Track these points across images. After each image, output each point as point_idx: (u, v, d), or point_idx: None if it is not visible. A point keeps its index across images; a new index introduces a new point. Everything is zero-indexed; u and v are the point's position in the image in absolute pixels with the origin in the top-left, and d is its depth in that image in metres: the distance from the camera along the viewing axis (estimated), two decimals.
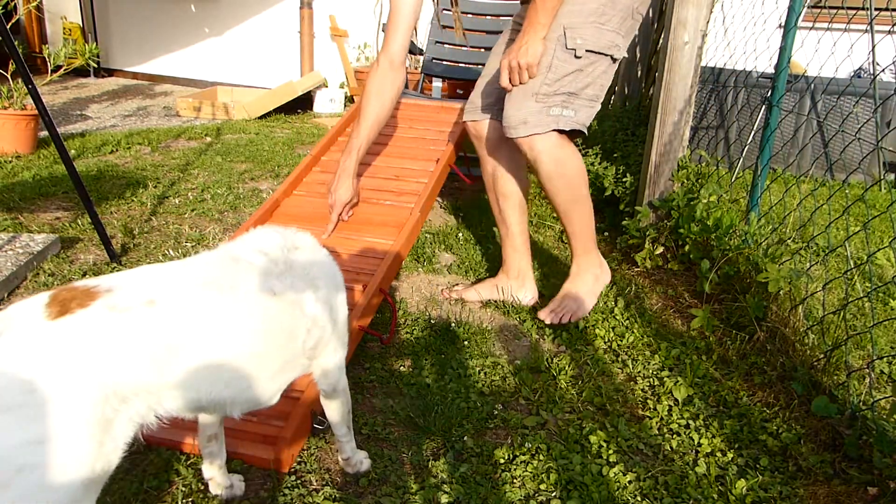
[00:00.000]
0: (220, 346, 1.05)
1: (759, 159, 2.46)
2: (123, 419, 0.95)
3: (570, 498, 1.41)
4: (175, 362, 1.00)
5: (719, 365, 1.96)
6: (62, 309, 0.93)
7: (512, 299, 2.29)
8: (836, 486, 1.47)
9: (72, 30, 7.25)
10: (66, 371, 0.89)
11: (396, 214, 2.44)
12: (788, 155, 4.14)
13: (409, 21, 2.16)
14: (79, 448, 0.89)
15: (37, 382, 0.87)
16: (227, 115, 5.52)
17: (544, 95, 1.96)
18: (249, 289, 1.11)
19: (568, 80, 1.96)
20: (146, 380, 0.97)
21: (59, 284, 2.24)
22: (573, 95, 1.98)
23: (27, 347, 0.89)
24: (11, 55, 2.16)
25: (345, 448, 1.43)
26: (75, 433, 0.89)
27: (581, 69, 1.96)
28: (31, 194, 3.14)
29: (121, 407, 0.94)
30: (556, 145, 2.01)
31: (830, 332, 1.88)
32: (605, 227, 3.07)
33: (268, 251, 1.18)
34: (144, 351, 0.97)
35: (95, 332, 0.93)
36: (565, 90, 1.97)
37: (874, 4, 3.64)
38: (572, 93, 1.98)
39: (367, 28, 6.42)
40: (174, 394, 1.01)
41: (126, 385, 0.95)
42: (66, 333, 0.91)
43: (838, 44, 2.23)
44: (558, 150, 2.02)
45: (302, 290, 1.17)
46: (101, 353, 0.92)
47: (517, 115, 1.98)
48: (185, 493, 1.38)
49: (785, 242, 2.22)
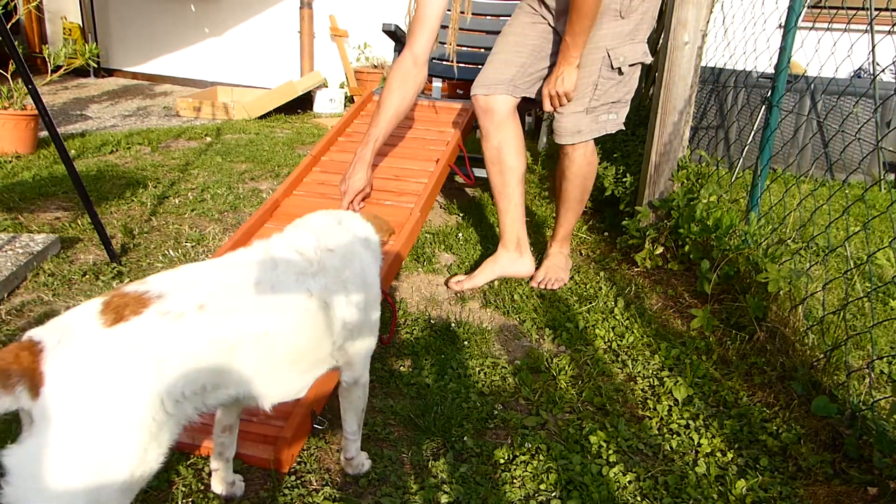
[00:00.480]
0: (263, 345, 1.08)
1: (759, 159, 2.46)
2: (172, 423, 0.99)
3: (570, 498, 1.41)
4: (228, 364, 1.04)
5: (719, 365, 1.96)
6: (116, 316, 0.95)
7: (513, 272, 2.48)
8: (836, 486, 1.47)
9: (72, 30, 7.25)
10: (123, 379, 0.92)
11: (396, 214, 2.44)
12: (788, 155, 4.14)
13: (436, 21, 2.25)
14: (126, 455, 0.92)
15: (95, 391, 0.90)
16: (227, 115, 5.52)
17: (594, 108, 2.26)
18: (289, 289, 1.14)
19: (612, 91, 2.26)
20: (200, 382, 1.00)
21: (59, 285, 2.24)
22: (617, 102, 2.29)
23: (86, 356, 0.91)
24: (11, 55, 2.16)
25: (349, 447, 1.43)
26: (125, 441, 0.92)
27: (622, 81, 2.25)
28: (31, 194, 3.14)
29: (173, 411, 0.97)
30: (591, 151, 2.37)
31: (830, 332, 1.88)
32: (605, 227, 3.07)
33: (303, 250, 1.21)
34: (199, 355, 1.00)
35: (150, 338, 0.95)
36: (611, 100, 2.27)
37: (874, 4, 3.64)
38: (616, 101, 2.28)
39: (368, 28, 6.42)
40: (219, 393, 1.05)
41: (180, 389, 0.98)
42: (123, 341, 0.93)
43: (838, 44, 2.23)
44: (592, 155, 2.38)
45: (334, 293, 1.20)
46: (157, 360, 0.95)
47: (571, 126, 2.28)
48: (185, 493, 1.38)
49: (785, 242, 2.22)
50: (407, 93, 2.27)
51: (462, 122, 3.03)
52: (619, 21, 2.17)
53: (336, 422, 1.64)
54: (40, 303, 2.15)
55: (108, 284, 2.27)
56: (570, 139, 2.29)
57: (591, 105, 2.24)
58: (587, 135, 2.29)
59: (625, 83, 2.26)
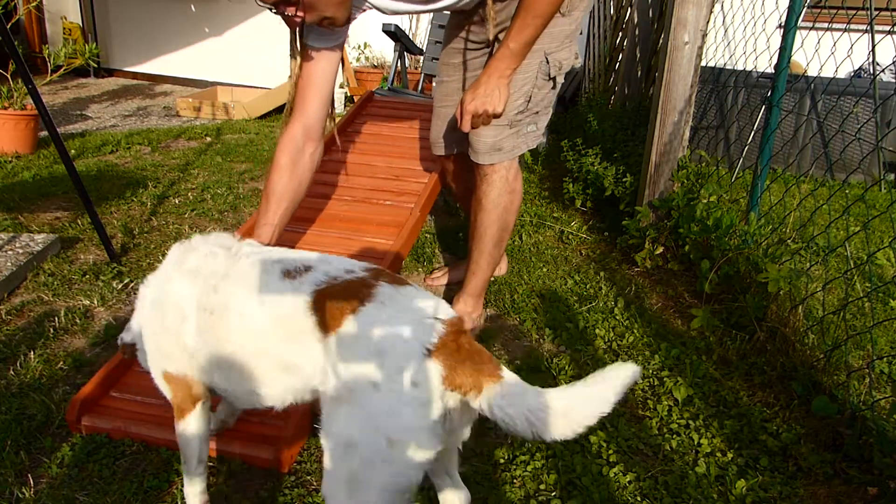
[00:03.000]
0: None
1: (759, 159, 2.46)
2: None
3: (570, 498, 1.41)
4: None
5: (719, 365, 1.96)
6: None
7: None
8: (836, 486, 1.47)
9: (72, 30, 7.24)
10: None
11: (396, 214, 2.44)
12: (788, 155, 4.14)
13: (329, 84, 1.82)
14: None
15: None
16: (227, 115, 5.52)
17: (517, 122, 1.91)
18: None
19: (539, 101, 1.93)
20: None
21: (59, 284, 2.24)
22: (539, 112, 1.95)
23: None
24: (11, 55, 2.16)
25: None
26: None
27: (554, 88, 1.94)
28: (31, 194, 3.14)
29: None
30: (514, 176, 1.99)
31: (830, 332, 1.88)
32: (605, 227, 3.07)
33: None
34: None
35: None
36: (535, 110, 1.94)
37: (874, 4, 3.64)
38: (538, 111, 1.95)
39: (367, 28, 6.42)
40: None
41: None
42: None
43: (838, 44, 2.22)
44: (515, 181, 2.00)
45: None
46: None
47: (489, 142, 1.91)
48: None
49: (785, 242, 2.22)
50: (301, 178, 1.75)
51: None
52: (560, 20, 1.82)
53: None
54: (40, 303, 2.15)
55: (107, 284, 2.27)
56: (489, 158, 1.92)
57: (517, 118, 1.89)
58: (508, 153, 1.92)
59: (553, 91, 1.95)
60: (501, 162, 1.94)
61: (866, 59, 4.26)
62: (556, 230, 3.05)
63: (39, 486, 1.39)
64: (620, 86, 3.75)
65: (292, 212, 1.77)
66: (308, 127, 1.76)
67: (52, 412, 1.61)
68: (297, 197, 1.77)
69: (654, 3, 3.35)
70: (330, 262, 1.18)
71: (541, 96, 1.91)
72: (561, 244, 2.90)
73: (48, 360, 1.83)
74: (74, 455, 1.46)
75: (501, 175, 1.96)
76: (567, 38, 1.88)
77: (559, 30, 1.84)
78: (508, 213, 2.01)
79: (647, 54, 3.44)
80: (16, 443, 1.50)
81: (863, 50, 4.06)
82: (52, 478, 1.41)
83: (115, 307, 2.16)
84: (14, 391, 1.69)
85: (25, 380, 1.74)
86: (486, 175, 1.97)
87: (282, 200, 1.72)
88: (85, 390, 1.57)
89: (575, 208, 3.29)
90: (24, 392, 1.68)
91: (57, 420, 1.59)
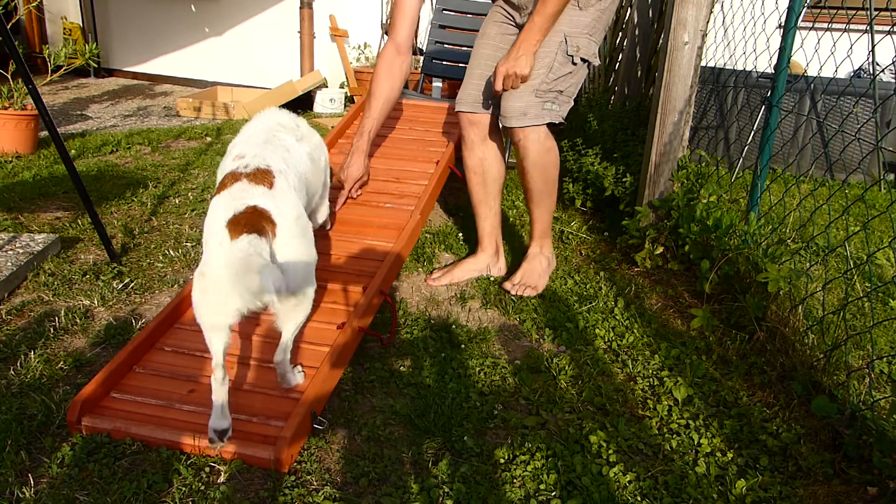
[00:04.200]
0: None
1: (759, 159, 2.46)
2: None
3: (570, 498, 1.41)
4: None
5: (719, 365, 1.96)
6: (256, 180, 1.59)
7: (487, 273, 2.51)
8: (836, 486, 1.47)
9: (72, 30, 7.25)
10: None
11: (396, 217, 2.44)
12: (788, 155, 4.14)
13: (415, 10, 2.36)
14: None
15: None
16: (227, 115, 5.52)
17: (543, 92, 2.20)
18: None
19: (561, 80, 2.23)
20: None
21: (60, 284, 2.24)
22: (561, 94, 2.25)
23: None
24: (11, 55, 2.16)
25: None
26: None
27: (572, 72, 2.23)
28: (31, 194, 3.14)
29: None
30: (546, 136, 2.28)
31: (830, 332, 1.88)
32: (605, 227, 3.07)
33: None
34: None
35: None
36: (557, 88, 2.23)
37: (874, 4, 3.64)
38: (561, 91, 2.24)
39: (367, 28, 6.42)
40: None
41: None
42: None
43: (838, 44, 2.22)
44: (547, 140, 2.28)
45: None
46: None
47: (517, 107, 2.21)
48: (185, 493, 1.38)
49: (785, 242, 2.22)
50: (394, 82, 2.41)
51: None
52: (578, 11, 2.19)
53: (335, 422, 1.64)
54: (40, 303, 2.15)
55: (108, 284, 2.27)
56: (517, 122, 2.22)
57: (542, 87, 2.20)
58: (533, 119, 2.22)
59: (573, 75, 2.24)
60: (530, 126, 2.23)
61: (866, 59, 4.26)
62: (555, 230, 3.05)
63: (39, 485, 1.39)
64: (620, 86, 3.75)
65: (389, 108, 2.48)
66: (399, 44, 2.38)
67: (52, 412, 1.61)
68: (393, 96, 2.45)
69: (654, 3, 3.35)
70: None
71: (562, 72, 2.21)
72: (561, 244, 2.91)
73: (48, 360, 1.83)
74: (74, 455, 1.47)
75: (533, 139, 2.25)
76: (586, 28, 2.20)
77: (577, 19, 2.19)
78: (547, 169, 2.32)
79: (647, 54, 3.44)
80: (16, 443, 1.51)
81: (863, 50, 4.06)
82: (53, 478, 1.42)
83: (115, 307, 2.16)
84: (14, 391, 1.69)
85: (26, 380, 1.74)
86: (519, 141, 2.27)
87: (380, 99, 2.43)
88: (85, 391, 1.57)
89: (575, 208, 3.29)
90: (24, 392, 1.69)
91: (57, 420, 1.59)
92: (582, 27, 2.20)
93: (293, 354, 1.67)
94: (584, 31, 2.20)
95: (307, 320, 1.66)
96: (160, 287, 2.31)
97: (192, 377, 1.71)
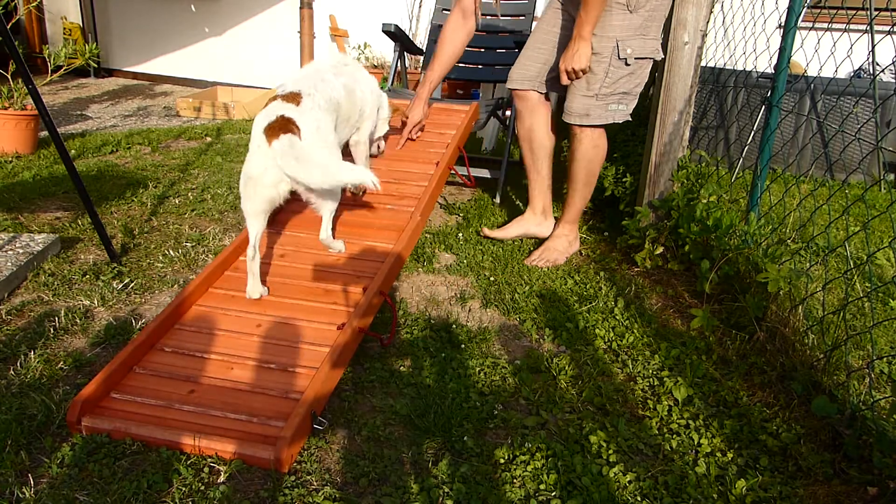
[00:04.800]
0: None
1: (759, 159, 2.46)
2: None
3: (570, 498, 1.41)
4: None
5: (719, 365, 1.96)
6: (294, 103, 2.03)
7: (537, 232, 2.81)
8: (836, 486, 1.47)
9: (72, 30, 7.25)
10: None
11: (397, 218, 2.44)
12: (788, 155, 4.14)
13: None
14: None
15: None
16: (227, 115, 5.52)
17: (603, 96, 2.44)
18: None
19: (622, 82, 2.43)
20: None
21: (60, 285, 2.24)
22: (627, 94, 2.46)
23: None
24: (11, 55, 2.16)
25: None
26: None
27: (632, 73, 2.42)
28: (31, 194, 3.14)
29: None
30: (599, 135, 2.55)
31: (830, 332, 1.88)
32: (605, 227, 3.07)
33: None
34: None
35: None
36: (621, 90, 2.45)
37: (874, 4, 3.64)
38: (626, 92, 2.46)
39: (367, 28, 6.42)
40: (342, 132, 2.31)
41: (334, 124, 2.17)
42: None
43: (838, 44, 2.22)
44: (600, 139, 2.56)
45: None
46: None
47: (580, 109, 2.47)
48: (185, 493, 1.38)
49: (785, 242, 2.22)
50: (457, 42, 2.75)
51: (462, 124, 3.03)
52: (628, 15, 2.34)
53: (335, 422, 1.64)
54: (40, 303, 2.15)
55: (108, 284, 2.27)
56: (578, 120, 2.48)
57: (601, 91, 2.42)
58: (595, 120, 2.47)
59: (635, 76, 2.43)
60: (589, 126, 2.49)
61: (866, 59, 4.26)
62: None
63: (40, 485, 1.40)
64: None
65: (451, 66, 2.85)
66: (464, 8, 2.69)
67: (52, 412, 1.61)
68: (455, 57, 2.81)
69: None
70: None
71: (619, 75, 2.41)
72: None
73: (48, 360, 1.83)
74: (74, 455, 1.47)
75: (588, 135, 2.53)
76: (637, 29, 2.37)
77: (627, 23, 2.36)
78: (592, 163, 2.61)
79: None
80: (16, 443, 1.51)
81: (863, 50, 4.06)
82: (53, 478, 1.42)
83: (115, 307, 2.16)
84: (14, 391, 1.69)
85: (26, 380, 1.74)
86: (576, 135, 2.54)
87: (442, 60, 2.79)
88: (85, 391, 1.57)
89: None
90: (24, 392, 1.69)
91: (57, 420, 1.59)
92: (633, 30, 2.36)
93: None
94: (635, 33, 2.36)
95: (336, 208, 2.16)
96: (160, 287, 2.31)
97: (192, 377, 1.71)
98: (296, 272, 2.17)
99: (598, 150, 2.57)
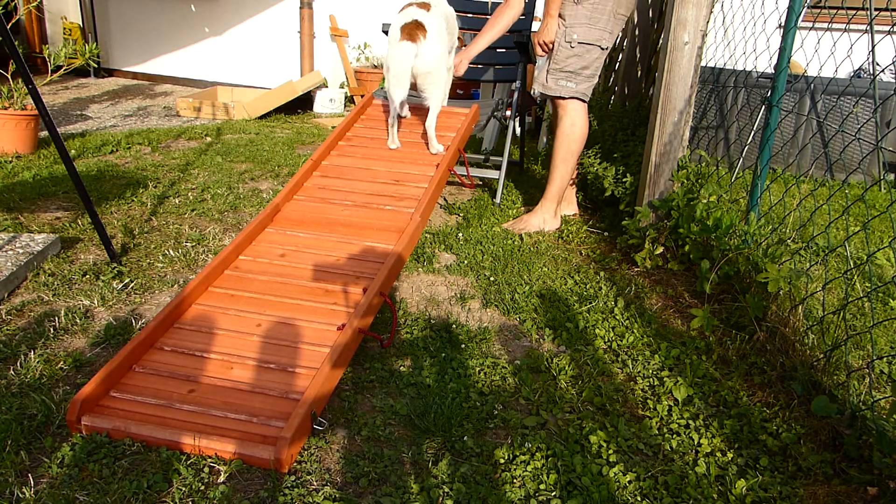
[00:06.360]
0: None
1: (759, 159, 2.46)
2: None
3: (570, 498, 1.41)
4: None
5: (719, 365, 1.96)
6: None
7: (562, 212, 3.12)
8: (836, 486, 1.47)
9: (72, 30, 7.25)
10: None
11: (397, 219, 2.44)
12: (788, 155, 4.14)
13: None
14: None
15: None
16: (227, 115, 5.52)
17: (553, 71, 2.87)
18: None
19: (570, 62, 2.83)
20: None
21: (60, 284, 2.25)
22: (574, 74, 2.84)
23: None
24: (11, 55, 2.16)
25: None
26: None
27: (578, 55, 2.81)
28: (31, 194, 3.14)
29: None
30: (577, 115, 2.88)
31: (830, 332, 1.88)
32: (605, 227, 3.07)
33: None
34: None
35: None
36: (568, 69, 2.84)
37: (874, 4, 3.64)
38: (572, 72, 2.84)
39: (367, 28, 6.42)
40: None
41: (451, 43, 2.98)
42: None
43: (838, 44, 2.22)
44: (577, 118, 2.88)
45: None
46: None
47: (541, 78, 2.92)
48: (185, 493, 1.38)
49: (785, 242, 2.22)
50: (507, 18, 3.06)
51: (462, 127, 3.03)
52: (575, 6, 2.78)
53: (335, 422, 1.64)
54: (40, 303, 2.15)
55: (108, 284, 2.27)
56: (540, 88, 2.93)
57: (551, 67, 2.87)
58: (550, 91, 2.90)
59: (581, 59, 2.82)
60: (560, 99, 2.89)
61: (866, 59, 4.26)
62: (556, 230, 3.05)
63: (39, 485, 1.39)
64: (620, 86, 3.74)
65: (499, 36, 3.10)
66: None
67: (52, 412, 1.61)
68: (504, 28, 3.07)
69: (654, 3, 3.35)
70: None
71: (565, 55, 2.83)
72: (561, 244, 2.91)
73: (48, 360, 1.83)
74: (74, 455, 1.46)
75: (568, 110, 2.89)
76: (585, 19, 2.77)
77: (574, 13, 2.79)
78: (570, 141, 2.91)
79: (647, 54, 3.44)
80: (16, 443, 1.51)
81: (863, 50, 4.06)
82: (53, 478, 1.42)
83: (115, 307, 2.16)
84: (14, 391, 1.69)
85: (25, 380, 1.74)
86: (556, 111, 2.96)
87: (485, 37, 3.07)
88: (85, 390, 1.57)
89: None
90: (24, 392, 1.69)
91: (57, 420, 1.59)
92: (580, 18, 2.77)
93: None
94: (581, 21, 2.77)
95: (442, 102, 2.91)
96: (160, 287, 2.31)
97: (191, 377, 1.71)
98: (296, 272, 2.17)
99: (574, 129, 2.87)
